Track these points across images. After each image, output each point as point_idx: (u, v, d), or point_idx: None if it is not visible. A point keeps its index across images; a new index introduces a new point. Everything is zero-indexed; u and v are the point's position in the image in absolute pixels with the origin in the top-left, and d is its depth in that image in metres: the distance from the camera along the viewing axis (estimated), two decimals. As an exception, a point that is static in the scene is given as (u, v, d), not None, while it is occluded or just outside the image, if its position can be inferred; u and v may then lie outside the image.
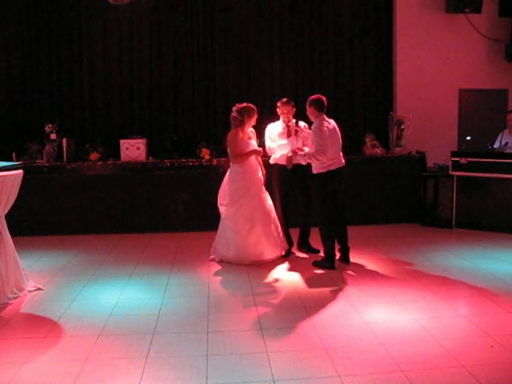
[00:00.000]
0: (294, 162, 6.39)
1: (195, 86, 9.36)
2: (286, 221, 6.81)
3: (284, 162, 6.49)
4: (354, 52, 9.56)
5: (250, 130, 6.63)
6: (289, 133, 6.64)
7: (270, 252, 6.52)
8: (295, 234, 7.00)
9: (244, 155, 6.44)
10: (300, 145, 6.56)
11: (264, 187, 6.62)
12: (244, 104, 6.56)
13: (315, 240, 6.76)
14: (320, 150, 6.01)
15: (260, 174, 6.62)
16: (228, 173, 6.63)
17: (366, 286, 5.59)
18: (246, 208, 6.40)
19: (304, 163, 6.43)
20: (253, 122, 6.58)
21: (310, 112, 6.29)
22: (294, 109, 6.70)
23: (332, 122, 6.35)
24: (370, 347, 4.11)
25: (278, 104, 6.69)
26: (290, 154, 6.38)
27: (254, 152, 6.50)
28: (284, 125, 6.66)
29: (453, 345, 4.12)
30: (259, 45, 9.38)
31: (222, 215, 6.60)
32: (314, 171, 6.22)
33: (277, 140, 6.66)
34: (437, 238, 7.71)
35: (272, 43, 9.42)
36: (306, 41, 9.48)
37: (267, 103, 9.43)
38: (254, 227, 6.39)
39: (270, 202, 6.63)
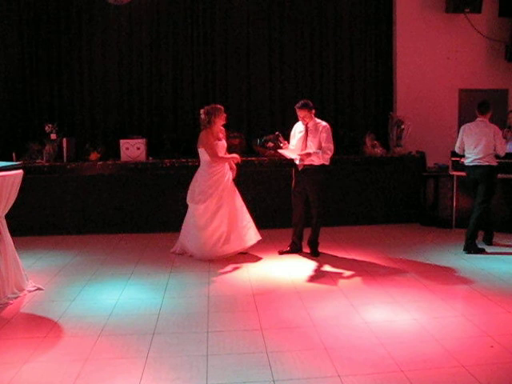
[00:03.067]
0: (306, 162, 6.58)
1: (195, 86, 9.37)
2: (300, 219, 6.88)
3: (296, 162, 6.74)
4: (355, 52, 9.58)
5: (220, 130, 6.81)
6: (306, 134, 6.67)
7: (233, 247, 6.67)
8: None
9: (225, 159, 6.72)
10: (313, 146, 6.60)
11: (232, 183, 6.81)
12: (211, 105, 6.80)
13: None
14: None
15: (229, 174, 6.79)
16: (197, 173, 6.85)
17: (366, 286, 5.59)
18: (213, 207, 6.62)
19: (317, 163, 6.58)
20: (222, 121, 6.73)
21: None
22: (313, 111, 6.66)
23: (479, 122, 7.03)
24: (370, 347, 4.11)
25: (295, 108, 6.68)
26: (298, 157, 6.62)
27: (233, 159, 6.77)
28: (304, 126, 6.71)
29: (453, 345, 4.12)
30: (259, 44, 9.40)
31: (190, 213, 6.79)
32: None
33: (295, 138, 6.80)
34: (437, 238, 7.72)
35: (271, 43, 9.44)
36: (306, 41, 9.50)
37: (266, 103, 9.48)
38: (219, 226, 6.60)
39: (239, 199, 6.81)
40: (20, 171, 5.48)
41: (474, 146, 6.96)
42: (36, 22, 9.06)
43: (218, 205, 6.62)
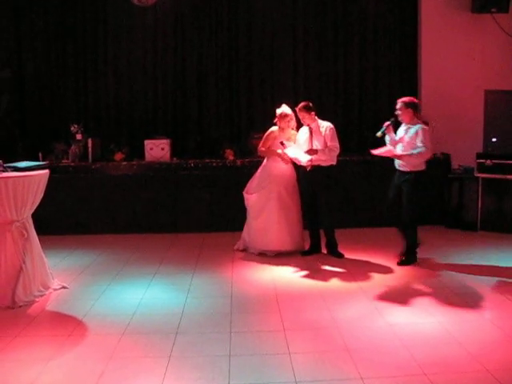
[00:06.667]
0: (315, 162, 6.58)
1: (219, 86, 9.38)
2: (313, 220, 6.90)
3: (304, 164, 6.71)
4: (379, 53, 9.50)
5: (292, 133, 6.96)
6: (311, 136, 6.68)
7: (279, 245, 6.80)
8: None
9: (267, 151, 6.89)
10: (319, 146, 6.60)
11: (294, 185, 6.93)
12: (283, 109, 6.92)
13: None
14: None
15: (289, 172, 6.93)
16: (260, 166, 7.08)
17: (390, 289, 5.56)
18: (263, 200, 6.80)
19: (325, 164, 6.60)
20: (285, 125, 6.89)
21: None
22: (313, 112, 6.69)
23: None
24: (392, 349, 4.09)
25: (296, 109, 6.76)
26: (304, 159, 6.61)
27: (276, 154, 6.83)
28: (307, 129, 6.75)
29: (477, 349, 4.08)
30: (283, 45, 9.37)
31: (246, 202, 6.98)
32: None
33: (301, 141, 6.80)
34: (461, 241, 7.63)
35: (296, 43, 9.40)
36: (331, 41, 9.44)
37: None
38: (267, 218, 6.76)
39: (295, 199, 6.91)
40: (46, 171, 5.56)
41: None
42: (62, 23, 9.17)
43: (268, 198, 6.78)
